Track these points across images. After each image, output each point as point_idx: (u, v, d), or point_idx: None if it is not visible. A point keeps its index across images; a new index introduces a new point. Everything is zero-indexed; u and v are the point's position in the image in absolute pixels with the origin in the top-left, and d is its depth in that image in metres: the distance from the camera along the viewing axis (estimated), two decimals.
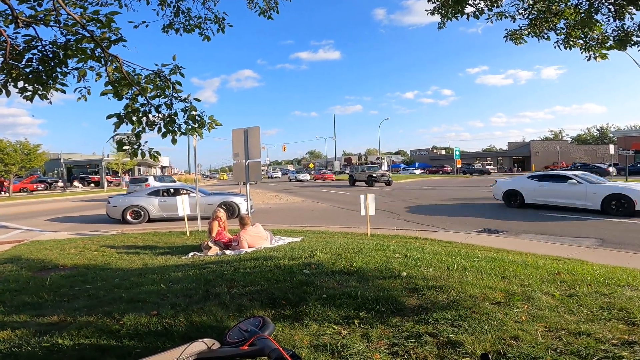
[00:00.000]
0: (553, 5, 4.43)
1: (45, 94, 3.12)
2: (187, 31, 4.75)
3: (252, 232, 7.27)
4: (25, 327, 3.41)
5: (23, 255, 7.48)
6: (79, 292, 4.63)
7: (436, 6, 4.82)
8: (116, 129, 3.09)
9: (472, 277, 4.04)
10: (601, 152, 63.68)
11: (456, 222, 11.13)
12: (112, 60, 3.11)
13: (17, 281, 5.28)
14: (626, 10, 4.02)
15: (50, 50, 3.02)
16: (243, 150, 9.12)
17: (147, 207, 13.36)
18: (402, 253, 5.41)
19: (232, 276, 4.48)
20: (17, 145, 30.98)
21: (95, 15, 2.91)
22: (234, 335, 1.19)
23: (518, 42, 4.78)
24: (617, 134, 53.46)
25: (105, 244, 8.48)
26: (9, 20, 2.80)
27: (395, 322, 2.99)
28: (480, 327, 2.77)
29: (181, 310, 3.47)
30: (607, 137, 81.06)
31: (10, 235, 11.61)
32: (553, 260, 5.54)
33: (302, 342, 2.72)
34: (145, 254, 7.19)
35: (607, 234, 8.59)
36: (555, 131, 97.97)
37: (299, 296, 3.64)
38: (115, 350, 2.79)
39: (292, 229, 10.36)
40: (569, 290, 3.64)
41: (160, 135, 3.23)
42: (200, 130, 3.37)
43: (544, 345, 2.47)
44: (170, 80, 3.27)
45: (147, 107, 3.24)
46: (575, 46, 4.43)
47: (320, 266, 4.71)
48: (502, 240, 8.34)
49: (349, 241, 7.15)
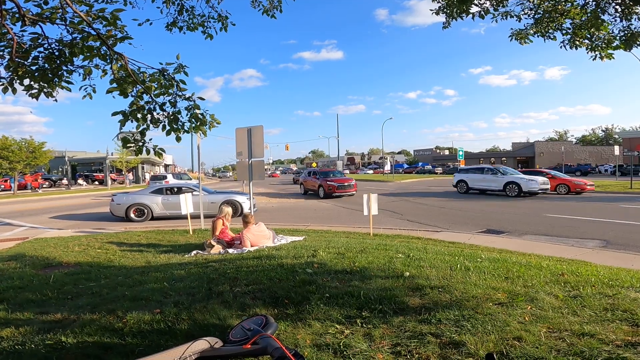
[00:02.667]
0: (559, 5, 4.40)
1: (51, 91, 3.13)
2: (190, 29, 4.75)
3: (255, 231, 7.28)
4: (29, 324, 3.43)
5: (27, 252, 7.52)
6: (82, 289, 4.65)
7: (441, 6, 4.79)
8: (122, 126, 3.11)
9: (475, 278, 4.03)
10: (606, 153, 63.26)
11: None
12: (117, 59, 3.12)
13: (21, 279, 5.31)
14: (633, 11, 3.98)
15: (57, 48, 3.03)
16: (246, 149, 9.13)
17: (151, 205, 13.41)
18: (405, 253, 5.40)
19: (234, 275, 4.49)
20: (22, 143, 31.17)
21: (101, 12, 2.92)
22: (237, 334, 1.19)
23: (523, 42, 4.75)
24: (622, 135, 53.10)
25: (108, 242, 8.52)
26: (16, 18, 2.81)
27: (398, 321, 2.99)
28: (483, 328, 2.75)
29: (184, 309, 3.48)
30: (612, 138, 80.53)
31: (14, 232, 11.69)
32: (557, 261, 5.52)
33: (305, 341, 2.72)
34: (148, 252, 7.22)
35: (611, 235, 8.54)
36: (560, 132, 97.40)
37: (302, 295, 3.64)
38: (118, 348, 2.80)
39: (295, 228, 10.37)
40: (572, 291, 3.62)
41: (165, 133, 3.24)
42: (203, 128, 3.38)
43: (547, 346, 2.46)
44: (175, 79, 3.28)
45: (151, 105, 3.26)
46: (582, 46, 4.39)
47: (322, 265, 4.71)
48: (505, 241, 8.31)
49: (351, 241, 7.15)
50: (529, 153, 68.03)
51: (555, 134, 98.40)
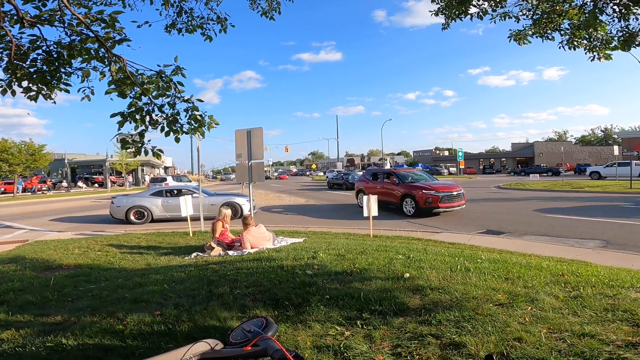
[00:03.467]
0: (557, 6, 4.41)
1: (49, 93, 3.14)
2: (189, 31, 4.75)
3: (255, 232, 7.27)
4: (29, 326, 3.42)
5: (27, 255, 7.52)
6: (82, 292, 4.65)
7: (440, 7, 4.81)
8: (120, 127, 3.11)
9: (476, 279, 4.02)
10: (605, 153, 63.26)
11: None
12: (115, 61, 3.13)
13: (21, 281, 5.31)
14: (631, 11, 3.99)
15: (55, 50, 3.04)
16: (246, 150, 9.14)
17: (151, 207, 13.41)
18: (405, 254, 5.39)
19: (235, 277, 4.49)
20: (22, 145, 31.15)
21: (99, 15, 2.92)
22: (237, 336, 1.19)
23: (522, 43, 4.76)
24: (621, 135, 53.08)
25: (108, 244, 8.52)
26: (14, 20, 2.82)
27: (398, 323, 2.98)
28: (483, 329, 2.75)
29: (184, 311, 3.48)
30: (611, 138, 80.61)
31: (15, 235, 11.68)
32: (557, 262, 5.52)
33: (305, 343, 2.72)
34: (148, 254, 7.22)
35: (611, 235, 8.54)
36: (560, 132, 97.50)
37: (302, 297, 3.64)
38: (119, 350, 2.80)
39: (295, 230, 10.36)
40: (573, 291, 3.62)
41: (164, 134, 3.25)
42: (201, 129, 3.39)
43: (547, 346, 2.46)
44: (173, 81, 3.29)
45: (150, 107, 3.27)
46: (580, 47, 4.40)
47: (323, 267, 4.70)
48: (505, 241, 8.31)
49: (351, 242, 7.15)
50: (529, 153, 68.07)
51: (555, 134, 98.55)
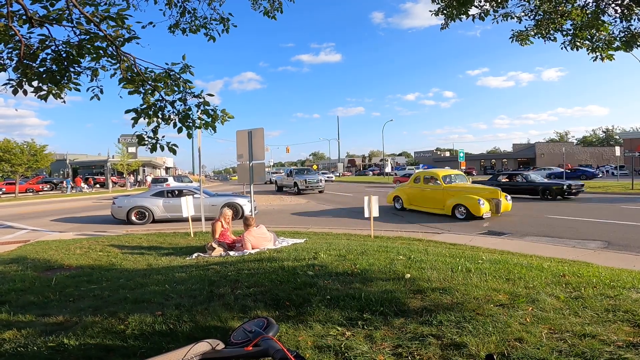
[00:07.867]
0: (560, 6, 4.41)
1: (59, 93, 3.15)
2: (192, 31, 4.76)
3: (256, 233, 7.27)
4: (31, 327, 3.43)
5: (29, 255, 7.53)
6: (84, 292, 4.66)
7: (440, 7, 4.81)
8: (134, 123, 3.15)
9: (476, 279, 4.02)
10: (607, 154, 63.17)
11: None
12: (124, 59, 3.14)
13: (23, 281, 5.32)
14: (633, 12, 3.99)
15: (64, 50, 3.05)
16: (247, 151, 9.14)
17: (152, 208, 13.42)
18: (406, 255, 5.39)
19: (236, 277, 4.49)
20: (24, 145, 31.22)
21: (106, 13, 2.94)
22: (239, 336, 1.19)
23: (524, 43, 4.76)
24: (622, 135, 53.02)
25: (110, 245, 8.52)
26: (23, 20, 2.83)
27: (399, 323, 2.99)
28: (484, 329, 2.75)
29: (185, 311, 3.49)
30: (612, 139, 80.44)
31: (16, 235, 11.71)
32: (558, 263, 5.51)
33: (306, 343, 2.73)
34: (149, 255, 7.22)
35: (613, 236, 8.52)
36: (561, 133, 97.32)
37: (303, 297, 3.64)
38: (120, 350, 2.81)
39: (296, 230, 10.37)
40: (574, 292, 3.62)
41: (176, 131, 3.28)
42: (213, 124, 3.40)
43: (548, 347, 2.46)
44: (181, 79, 3.31)
45: (162, 103, 3.30)
46: (582, 47, 4.40)
47: (323, 267, 4.71)
48: (506, 242, 8.30)
49: (352, 243, 7.15)
50: (530, 154, 67.95)
51: (556, 135, 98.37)
